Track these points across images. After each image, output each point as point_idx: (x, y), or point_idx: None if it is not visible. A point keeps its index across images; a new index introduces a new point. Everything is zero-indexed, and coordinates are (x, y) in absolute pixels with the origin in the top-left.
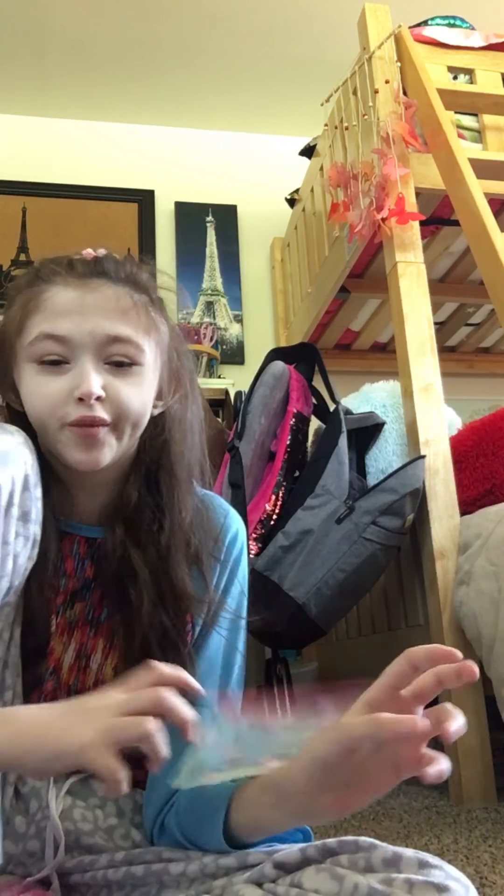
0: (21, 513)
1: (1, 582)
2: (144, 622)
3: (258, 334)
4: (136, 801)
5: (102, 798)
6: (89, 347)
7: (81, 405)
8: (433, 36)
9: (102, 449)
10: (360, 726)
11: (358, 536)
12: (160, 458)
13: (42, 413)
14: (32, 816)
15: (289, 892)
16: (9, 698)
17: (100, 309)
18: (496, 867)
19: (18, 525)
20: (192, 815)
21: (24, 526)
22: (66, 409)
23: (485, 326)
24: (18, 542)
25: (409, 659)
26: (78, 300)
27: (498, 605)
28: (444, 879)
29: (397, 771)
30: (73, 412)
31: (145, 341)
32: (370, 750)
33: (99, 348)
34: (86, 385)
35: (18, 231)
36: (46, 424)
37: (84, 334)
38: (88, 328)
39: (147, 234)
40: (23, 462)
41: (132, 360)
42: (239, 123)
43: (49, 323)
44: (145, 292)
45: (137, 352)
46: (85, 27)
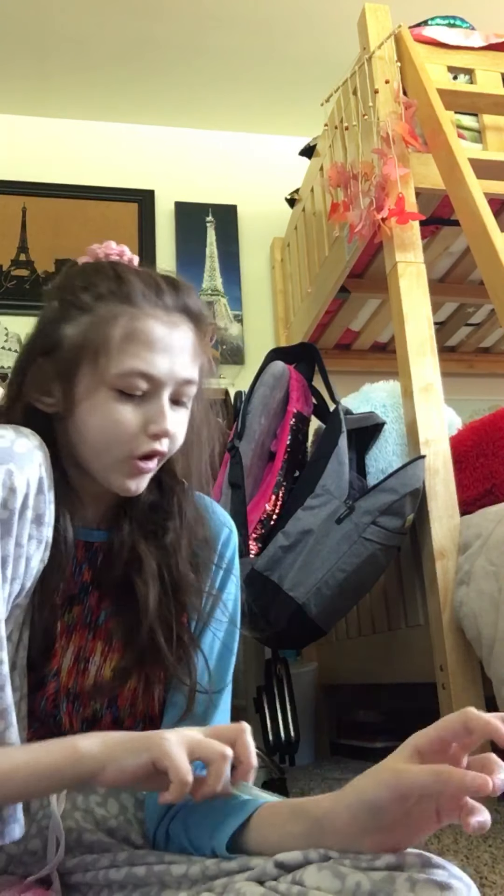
0: (35, 515)
1: (14, 584)
2: (151, 614)
3: (258, 334)
4: (137, 798)
5: (104, 796)
6: (169, 386)
7: (153, 441)
8: (433, 36)
9: (147, 477)
10: (423, 775)
11: (358, 536)
12: (171, 466)
13: (111, 440)
14: (34, 816)
15: (290, 889)
16: (16, 699)
17: (183, 351)
18: (496, 867)
19: (32, 528)
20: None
21: (38, 529)
22: (137, 442)
23: (485, 326)
24: (32, 544)
25: (465, 721)
26: (167, 338)
27: (498, 605)
28: (446, 878)
29: (439, 817)
30: (144, 446)
31: (198, 377)
32: (421, 798)
33: (175, 388)
34: (164, 423)
35: (18, 231)
36: (112, 450)
37: (169, 374)
38: (173, 369)
39: (147, 234)
40: (38, 465)
41: (189, 397)
42: (239, 123)
43: (146, 361)
44: (203, 329)
45: (194, 390)
46: (85, 27)
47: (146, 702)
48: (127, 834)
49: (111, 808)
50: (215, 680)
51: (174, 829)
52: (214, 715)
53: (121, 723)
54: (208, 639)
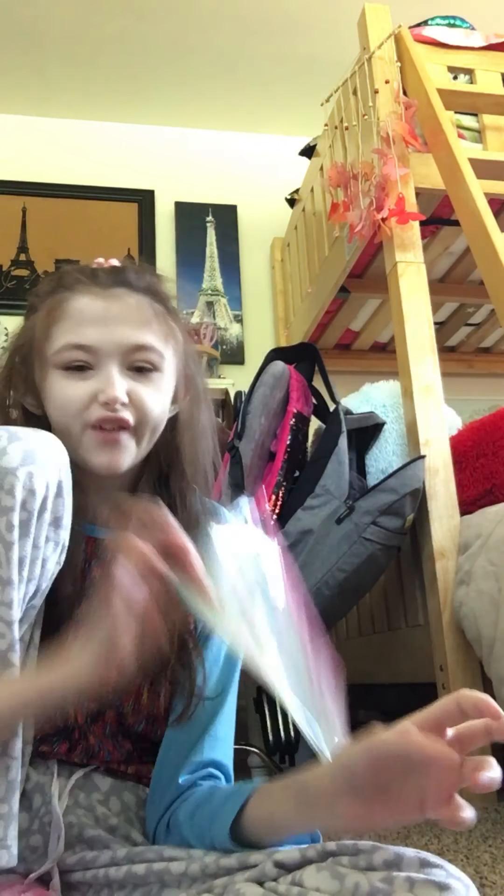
0: (53, 518)
1: (29, 585)
2: None
3: (258, 334)
4: (139, 797)
5: (106, 794)
6: (114, 355)
7: (106, 408)
8: (433, 36)
9: (123, 453)
10: (391, 740)
11: (358, 536)
12: (172, 460)
13: (66, 415)
14: (36, 812)
15: (290, 890)
16: None
17: (123, 319)
18: (496, 867)
19: (50, 530)
20: (208, 804)
21: (56, 532)
22: (89, 412)
23: (485, 326)
24: (48, 546)
25: (458, 701)
26: (102, 310)
27: (498, 605)
28: (445, 878)
29: (422, 804)
30: (95, 413)
31: (165, 348)
32: (399, 771)
33: (123, 356)
34: (111, 390)
35: (18, 231)
36: (70, 427)
37: (109, 343)
38: (114, 338)
39: (147, 234)
40: (57, 468)
41: (154, 365)
42: (239, 123)
43: (75, 333)
44: (163, 302)
45: (159, 358)
46: (85, 27)
47: (151, 701)
48: (128, 832)
49: (113, 805)
50: (219, 685)
51: (174, 820)
52: (218, 720)
53: (124, 719)
54: (214, 644)
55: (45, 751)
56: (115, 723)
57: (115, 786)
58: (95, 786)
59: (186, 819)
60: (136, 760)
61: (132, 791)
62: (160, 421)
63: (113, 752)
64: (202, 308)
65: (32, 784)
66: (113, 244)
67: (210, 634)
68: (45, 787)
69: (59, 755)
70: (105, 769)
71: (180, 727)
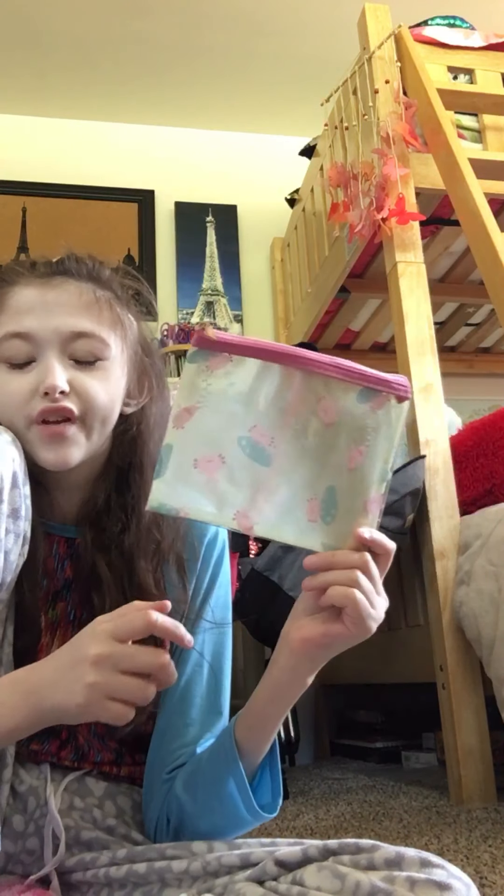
0: (11, 510)
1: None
2: None
3: (258, 334)
4: (134, 800)
5: (101, 798)
6: (54, 343)
7: (47, 399)
8: (433, 36)
9: (71, 447)
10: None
11: None
12: (131, 457)
13: (9, 411)
14: (31, 815)
15: (290, 890)
16: None
17: (62, 305)
18: (496, 867)
19: (9, 522)
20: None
21: (15, 523)
22: (31, 406)
23: (485, 326)
24: (9, 538)
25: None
26: (40, 297)
27: (498, 605)
28: (446, 878)
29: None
30: (37, 406)
31: (110, 336)
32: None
33: (63, 344)
34: (50, 378)
35: (18, 231)
36: (14, 423)
37: (48, 330)
38: (52, 324)
39: (147, 234)
40: (11, 459)
41: (97, 355)
42: (239, 123)
43: (13, 322)
44: (109, 289)
45: (102, 346)
46: (85, 27)
47: None
48: (126, 832)
49: (108, 809)
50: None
51: (170, 805)
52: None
53: None
54: (199, 642)
55: (35, 749)
56: (100, 723)
57: (109, 789)
58: (89, 790)
59: (182, 788)
60: (129, 762)
61: (127, 794)
62: (109, 411)
63: (102, 751)
64: (202, 308)
65: (26, 787)
66: (113, 244)
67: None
68: (38, 790)
69: (51, 754)
70: (98, 772)
71: (168, 729)
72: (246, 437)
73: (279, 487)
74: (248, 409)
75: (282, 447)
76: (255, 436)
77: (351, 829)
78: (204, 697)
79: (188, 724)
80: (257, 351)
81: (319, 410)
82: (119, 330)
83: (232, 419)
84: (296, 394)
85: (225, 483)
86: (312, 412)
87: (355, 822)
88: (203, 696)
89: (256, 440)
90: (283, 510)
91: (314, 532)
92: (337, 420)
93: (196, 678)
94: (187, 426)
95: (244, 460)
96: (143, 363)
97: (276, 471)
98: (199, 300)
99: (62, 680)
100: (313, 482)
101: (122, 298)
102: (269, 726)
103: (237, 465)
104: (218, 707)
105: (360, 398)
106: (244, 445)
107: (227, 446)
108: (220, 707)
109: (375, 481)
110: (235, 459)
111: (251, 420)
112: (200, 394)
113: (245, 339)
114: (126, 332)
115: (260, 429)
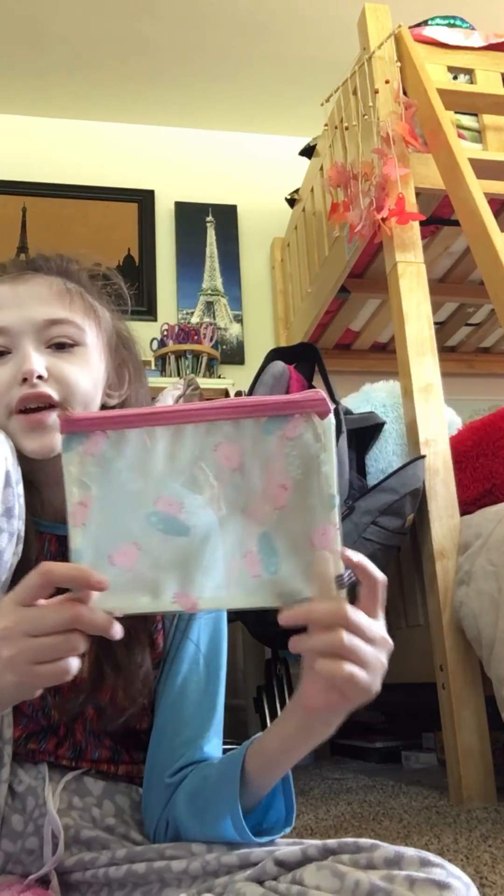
0: (4, 508)
1: None
2: None
3: (258, 334)
4: (132, 799)
5: (99, 798)
6: (28, 332)
7: (26, 385)
8: (433, 36)
9: (53, 434)
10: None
11: (358, 536)
12: None
13: None
14: (30, 814)
15: (290, 889)
16: None
17: (34, 297)
18: (496, 867)
19: (2, 521)
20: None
21: (8, 522)
22: (11, 395)
23: (485, 326)
24: (3, 537)
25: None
26: (12, 292)
27: (498, 605)
28: (445, 877)
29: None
30: (17, 395)
31: (84, 322)
32: None
33: (38, 332)
34: (27, 364)
35: (18, 231)
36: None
37: (21, 321)
38: (25, 315)
39: (147, 234)
40: (3, 458)
41: (74, 339)
42: (239, 123)
43: None
44: (78, 282)
45: (78, 331)
46: (85, 27)
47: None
48: (126, 832)
49: (107, 808)
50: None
51: (173, 814)
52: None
53: (104, 713)
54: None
55: (33, 748)
56: (95, 719)
57: (107, 788)
58: (87, 789)
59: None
60: (126, 760)
61: (125, 793)
62: (91, 397)
63: (98, 748)
64: (202, 308)
65: (24, 787)
66: (113, 244)
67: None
68: (37, 789)
69: (48, 752)
70: (96, 771)
71: (167, 728)
72: (154, 513)
73: (208, 553)
74: (147, 482)
75: (195, 510)
76: (163, 508)
77: (351, 829)
78: (201, 694)
79: (186, 721)
80: (131, 419)
81: (221, 458)
82: (92, 317)
83: (132, 499)
84: (190, 451)
85: (150, 570)
86: (214, 463)
87: (355, 822)
88: (200, 692)
89: (166, 512)
90: (222, 575)
91: (263, 588)
92: (241, 462)
93: (192, 675)
94: (88, 522)
95: (161, 538)
96: (120, 353)
97: (199, 537)
98: (199, 300)
99: None
100: (242, 535)
101: (92, 292)
102: (280, 770)
103: (156, 546)
104: (214, 704)
105: (267, 430)
106: (155, 522)
107: (138, 530)
108: (216, 704)
109: (318, 512)
110: (152, 541)
111: (153, 493)
112: (89, 483)
113: (113, 412)
114: (100, 320)
115: (166, 499)
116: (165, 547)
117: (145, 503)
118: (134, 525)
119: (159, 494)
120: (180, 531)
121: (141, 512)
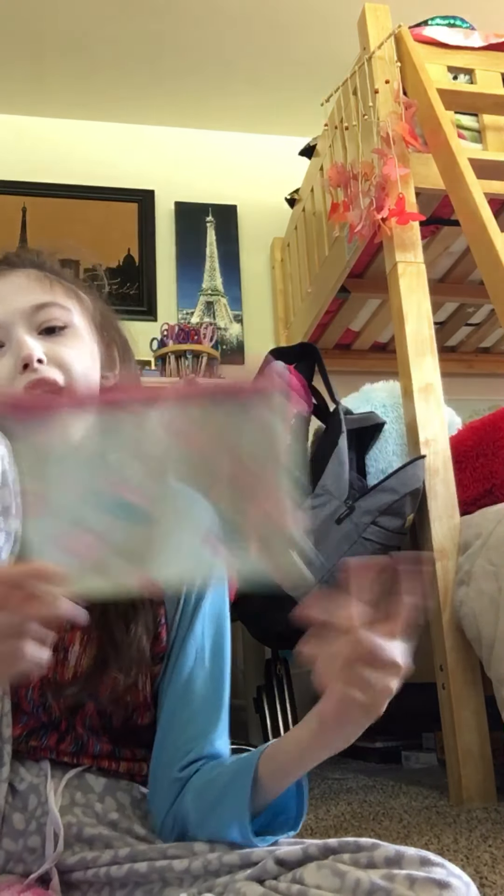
0: (2, 507)
1: None
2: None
3: (258, 334)
4: (133, 797)
5: (101, 794)
6: (17, 321)
7: (28, 372)
8: (433, 36)
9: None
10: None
11: (358, 536)
12: None
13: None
14: (32, 813)
15: (290, 888)
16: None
17: (15, 288)
18: (496, 867)
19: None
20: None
21: (5, 521)
22: (15, 385)
23: (485, 326)
24: (0, 536)
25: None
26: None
27: (498, 605)
28: (445, 876)
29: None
30: (20, 383)
31: (68, 302)
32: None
33: (27, 319)
34: (25, 349)
35: (18, 231)
36: None
37: (9, 313)
38: (11, 307)
39: (147, 234)
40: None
41: (63, 321)
42: (239, 123)
43: None
44: (53, 271)
45: (64, 312)
46: (85, 27)
47: (131, 692)
48: (129, 826)
49: (109, 804)
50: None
51: (179, 810)
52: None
53: (104, 710)
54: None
55: (34, 745)
56: (95, 715)
57: (108, 786)
58: (89, 786)
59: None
60: (128, 757)
61: (126, 791)
62: (91, 378)
63: (100, 743)
64: (202, 308)
65: (26, 785)
66: (113, 244)
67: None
68: (38, 787)
69: (50, 749)
70: (97, 768)
71: (173, 722)
72: (107, 497)
73: (168, 534)
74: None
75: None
76: (115, 490)
77: (351, 829)
78: (207, 688)
79: (193, 715)
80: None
81: (175, 438)
82: (74, 298)
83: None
84: (140, 432)
85: (111, 556)
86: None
87: (355, 822)
88: (206, 686)
89: (123, 497)
90: (182, 556)
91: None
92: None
93: (198, 671)
94: (39, 513)
95: (117, 524)
96: (108, 333)
97: (159, 519)
98: (199, 300)
99: None
100: (202, 515)
101: (67, 276)
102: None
103: (114, 531)
104: (220, 699)
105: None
106: (108, 506)
107: (94, 517)
108: (222, 699)
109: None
110: (109, 527)
111: (108, 477)
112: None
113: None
114: (82, 300)
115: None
116: (123, 533)
117: (99, 489)
118: (89, 512)
119: (110, 477)
120: (138, 516)
121: (93, 497)
